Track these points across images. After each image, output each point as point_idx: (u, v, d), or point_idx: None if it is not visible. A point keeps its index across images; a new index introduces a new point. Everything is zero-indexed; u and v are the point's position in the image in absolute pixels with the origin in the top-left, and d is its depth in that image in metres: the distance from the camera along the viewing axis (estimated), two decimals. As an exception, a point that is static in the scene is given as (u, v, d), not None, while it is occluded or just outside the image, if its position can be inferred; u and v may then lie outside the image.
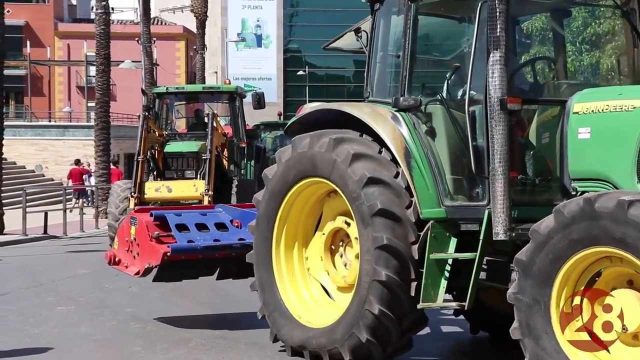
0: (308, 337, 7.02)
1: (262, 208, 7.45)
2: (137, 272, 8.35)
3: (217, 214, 8.80)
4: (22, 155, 42.02)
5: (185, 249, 8.17)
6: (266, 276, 7.43)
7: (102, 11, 29.91)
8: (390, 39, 7.41)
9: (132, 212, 8.71)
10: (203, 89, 20.76)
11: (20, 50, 59.27)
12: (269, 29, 79.82)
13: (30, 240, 20.54)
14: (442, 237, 6.46)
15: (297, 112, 7.67)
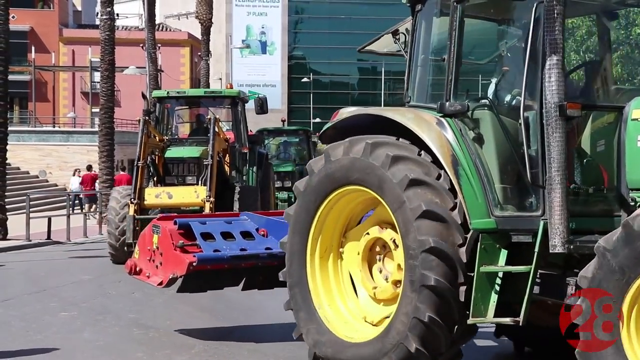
0: (350, 352, 6.66)
1: (294, 222, 7.10)
2: (160, 282, 8.08)
3: (243, 222, 8.52)
4: (26, 160, 42.09)
5: (212, 258, 7.90)
6: (300, 292, 7.06)
7: (107, 17, 29.95)
8: (432, 41, 7.16)
9: (155, 220, 8.37)
10: (205, 93, 20.23)
11: (25, 55, 59.39)
12: (274, 36, 79.98)
13: (34, 245, 20.54)
14: (492, 249, 6.13)
15: (332, 117, 7.25)
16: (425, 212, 6.08)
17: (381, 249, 6.80)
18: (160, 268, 8.08)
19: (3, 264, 16.43)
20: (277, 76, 78.79)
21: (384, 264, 6.76)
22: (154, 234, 8.19)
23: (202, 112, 19.05)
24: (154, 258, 8.19)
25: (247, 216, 8.65)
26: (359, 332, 6.76)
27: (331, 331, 6.81)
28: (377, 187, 6.41)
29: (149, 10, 39.36)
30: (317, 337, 6.89)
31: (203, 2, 43.50)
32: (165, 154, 16.58)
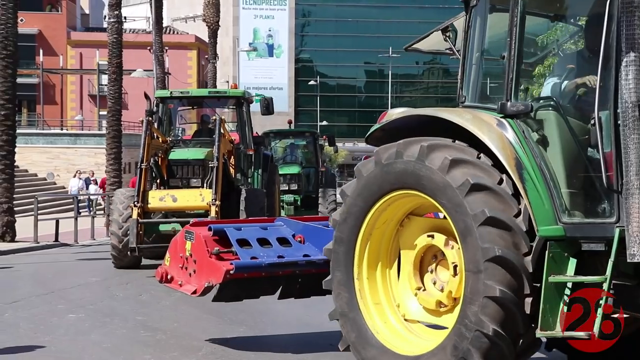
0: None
1: (340, 228, 6.69)
2: (194, 291, 7.69)
3: (279, 228, 8.13)
4: (34, 163, 42.22)
5: (249, 266, 7.54)
6: (347, 302, 6.67)
7: (115, 20, 30.05)
8: (487, 38, 6.82)
9: (188, 226, 7.99)
10: (209, 93, 19.48)
11: (33, 58, 59.55)
12: (281, 39, 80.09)
13: (42, 247, 20.60)
14: (560, 258, 5.72)
15: (380, 119, 6.91)
16: (489, 219, 5.70)
17: (434, 257, 6.45)
18: (193, 276, 7.73)
19: (11, 266, 16.49)
20: (284, 79, 78.91)
21: (437, 273, 6.41)
22: (187, 241, 7.85)
23: (206, 112, 18.64)
24: (186, 265, 7.83)
25: (282, 222, 8.34)
26: (413, 345, 6.42)
27: (382, 344, 6.46)
28: (434, 192, 6.04)
29: (156, 13, 39.43)
30: (366, 350, 6.54)
31: (210, 5, 43.60)
32: (170, 155, 16.09)
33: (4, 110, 21.94)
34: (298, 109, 78.64)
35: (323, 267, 7.15)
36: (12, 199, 22.17)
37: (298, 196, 26.01)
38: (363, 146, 79.19)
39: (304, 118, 72.87)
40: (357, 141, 79.64)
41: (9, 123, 22.02)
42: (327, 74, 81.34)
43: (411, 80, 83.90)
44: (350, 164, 79.73)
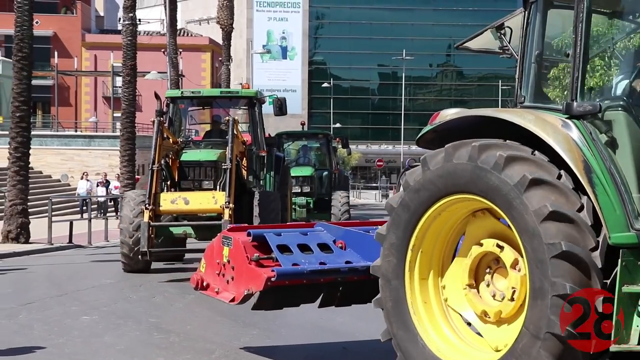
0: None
1: (388, 241, 6.37)
2: (233, 299, 7.36)
3: (319, 234, 7.80)
4: (49, 164, 42.38)
5: (291, 273, 7.19)
6: (400, 317, 6.32)
7: (129, 22, 30.14)
8: (548, 36, 6.52)
9: (225, 231, 7.68)
10: (221, 93, 18.85)
11: (48, 60, 59.85)
12: (294, 41, 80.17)
13: (56, 249, 20.67)
14: (634, 267, 5.37)
15: (432, 120, 6.56)
16: (552, 214, 5.35)
17: (489, 265, 6.09)
18: (231, 283, 7.39)
19: (25, 268, 16.55)
20: (298, 81, 78.96)
21: (493, 280, 6.05)
22: (224, 246, 7.52)
23: (218, 113, 18.10)
24: (224, 272, 7.48)
25: (322, 227, 8.00)
26: (466, 355, 6.12)
27: (434, 353, 6.15)
28: (489, 192, 5.70)
29: (171, 15, 39.52)
30: None
31: (224, 8, 43.69)
32: (182, 157, 15.75)
33: (19, 112, 22.05)
34: (311, 111, 78.66)
35: (365, 274, 6.93)
36: (26, 200, 22.25)
37: (310, 199, 25.75)
38: (376, 148, 79.20)
39: (318, 120, 72.90)
40: (371, 143, 79.64)
41: (24, 125, 22.12)
42: (340, 76, 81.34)
43: (425, 82, 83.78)
44: (363, 166, 79.76)
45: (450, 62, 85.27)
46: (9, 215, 21.64)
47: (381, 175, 74.18)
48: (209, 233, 14.93)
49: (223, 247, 7.52)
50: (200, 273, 7.80)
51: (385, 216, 6.72)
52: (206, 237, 15.06)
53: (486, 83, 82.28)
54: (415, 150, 79.60)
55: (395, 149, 77.00)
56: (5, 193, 22.67)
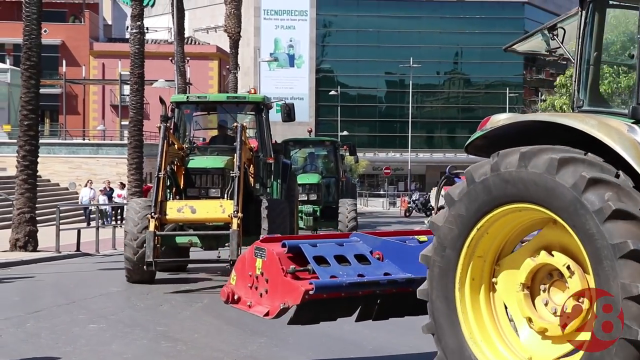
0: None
1: (436, 256, 6.05)
2: (267, 312, 7.04)
3: (355, 244, 7.47)
4: (56, 172, 42.46)
5: (330, 286, 6.87)
6: (450, 331, 6.03)
7: (137, 31, 30.22)
8: (607, 36, 6.27)
9: (258, 242, 7.30)
10: (227, 98, 18.27)
11: (56, 69, 60.06)
12: (302, 49, 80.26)
13: (63, 257, 20.68)
14: None
15: (481, 125, 6.25)
16: (616, 212, 5.04)
17: (545, 278, 5.76)
18: (265, 296, 7.05)
19: (33, 276, 16.56)
20: (305, 89, 79.02)
21: (549, 294, 5.72)
22: (257, 258, 7.18)
23: (224, 118, 17.63)
24: (256, 285, 7.15)
25: (358, 237, 7.68)
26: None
27: None
28: (543, 198, 5.38)
29: (178, 24, 39.62)
30: None
31: (232, 16, 43.76)
32: (188, 164, 15.34)
33: (27, 120, 22.10)
34: (319, 119, 78.70)
35: (404, 286, 6.82)
36: (34, 208, 22.28)
37: (317, 206, 25.45)
38: (383, 156, 79.18)
39: (325, 128, 72.91)
40: (378, 151, 79.61)
41: (32, 133, 22.17)
42: (347, 84, 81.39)
43: (432, 90, 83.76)
44: (370, 174, 79.73)
45: (458, 70, 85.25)
46: (17, 224, 21.67)
47: (389, 183, 74.06)
48: (215, 242, 14.99)
49: (256, 259, 7.19)
50: (231, 286, 7.45)
51: (392, 223, 6.64)
52: (212, 247, 15.11)
53: (493, 90, 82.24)
54: (422, 158, 79.63)
55: (402, 156, 76.95)
56: (13, 201, 22.72)
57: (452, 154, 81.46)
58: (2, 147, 40.61)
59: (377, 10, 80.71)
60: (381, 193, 71.27)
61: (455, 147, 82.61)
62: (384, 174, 67.99)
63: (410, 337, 8.93)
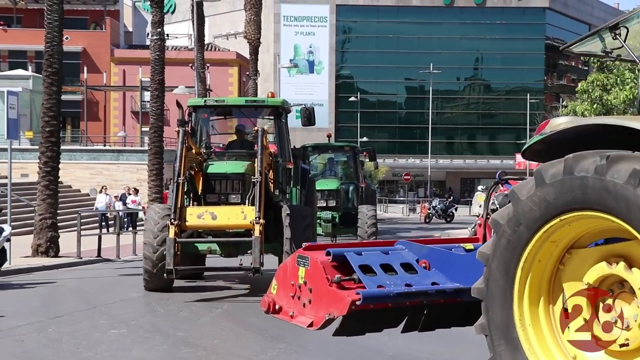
0: None
1: (495, 262, 5.70)
2: (311, 323, 6.77)
3: (400, 252, 7.18)
4: (78, 178, 42.71)
5: (377, 296, 6.56)
6: (508, 347, 5.68)
7: (157, 38, 30.40)
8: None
9: (300, 250, 7.07)
10: (246, 102, 17.72)
11: (77, 75, 60.46)
12: (321, 55, 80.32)
13: (84, 263, 20.80)
14: None
15: (539, 129, 5.95)
16: None
17: (615, 286, 5.41)
18: (308, 307, 6.78)
19: (54, 281, 16.67)
20: (325, 95, 79.05)
21: (615, 308, 5.35)
22: (300, 267, 6.93)
23: (242, 122, 17.18)
24: (299, 295, 6.88)
25: (403, 245, 7.37)
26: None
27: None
28: (620, 209, 5.02)
29: (198, 30, 39.81)
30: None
31: (252, 22, 43.91)
32: (208, 169, 14.99)
33: (49, 127, 22.26)
34: (338, 125, 78.69)
35: (452, 297, 6.61)
36: (56, 214, 22.43)
37: (336, 213, 25.01)
38: (403, 162, 79.05)
39: (345, 134, 72.87)
40: (398, 157, 79.48)
41: (54, 139, 22.32)
42: (367, 90, 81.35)
43: (452, 96, 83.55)
44: (390, 180, 79.61)
45: (478, 76, 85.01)
46: (38, 229, 21.83)
47: (408, 189, 73.91)
48: (234, 249, 14.76)
49: (298, 268, 6.90)
50: (272, 295, 7.14)
51: (412, 229, 6.52)
52: (231, 254, 14.87)
53: (514, 96, 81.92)
54: (442, 164, 79.45)
55: (422, 162, 76.79)
56: (35, 207, 22.88)
57: (472, 160, 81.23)
58: (24, 154, 40.89)
59: (397, 17, 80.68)
60: (401, 199, 71.09)
61: (475, 153, 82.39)
62: (403, 180, 67.87)
63: (430, 344, 8.90)
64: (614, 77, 32.86)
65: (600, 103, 33.92)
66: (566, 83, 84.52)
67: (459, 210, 55.19)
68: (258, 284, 14.55)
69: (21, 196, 28.76)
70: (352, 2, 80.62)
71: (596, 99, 34.03)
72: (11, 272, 17.62)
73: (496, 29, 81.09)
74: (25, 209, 29.51)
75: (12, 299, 13.89)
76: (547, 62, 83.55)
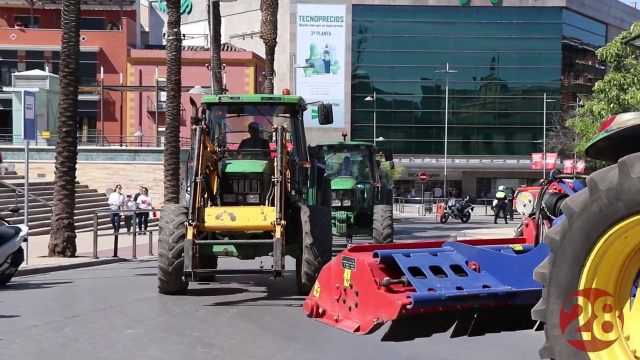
0: None
1: (560, 256, 5.34)
2: (358, 328, 6.49)
3: (449, 254, 6.92)
4: (94, 179, 42.90)
5: (429, 299, 6.29)
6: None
7: (174, 38, 30.45)
8: None
9: (345, 252, 6.74)
10: (262, 99, 16.83)
11: (94, 76, 60.73)
12: (337, 55, 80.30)
13: (101, 262, 20.88)
14: None
15: (604, 126, 5.72)
16: None
17: None
18: (355, 310, 6.50)
19: (71, 281, 16.73)
20: (341, 95, 79.02)
21: None
22: (345, 269, 6.66)
23: (256, 120, 16.71)
24: (344, 298, 6.60)
25: (452, 246, 7.12)
26: None
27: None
28: None
29: (215, 30, 39.89)
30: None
31: (268, 22, 43.95)
32: (226, 168, 14.50)
33: (66, 127, 22.35)
34: (354, 125, 78.67)
35: (503, 300, 6.39)
36: (72, 214, 22.52)
37: (351, 213, 24.57)
38: (419, 162, 78.90)
39: (361, 134, 72.82)
40: (414, 157, 79.36)
41: (70, 139, 22.41)
42: (383, 89, 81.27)
43: (468, 96, 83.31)
44: (406, 179, 79.50)
45: (494, 75, 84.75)
46: (55, 229, 21.92)
47: (424, 189, 73.77)
48: (252, 251, 14.23)
49: (344, 270, 6.64)
50: (315, 298, 6.87)
51: (428, 229, 6.40)
52: (249, 256, 14.38)
53: (530, 96, 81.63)
54: (458, 163, 79.25)
55: (438, 162, 76.64)
56: (52, 207, 22.98)
57: (488, 159, 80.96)
58: (41, 154, 41.11)
59: (413, 16, 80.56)
60: (417, 199, 70.93)
61: (491, 153, 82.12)
62: (420, 180, 67.74)
63: (447, 344, 8.85)
64: (630, 76, 32.65)
65: (617, 102, 33.72)
66: (583, 82, 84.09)
67: (475, 210, 55.05)
68: (273, 285, 14.55)
69: (38, 196, 28.91)
70: (368, 2, 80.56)
71: (613, 99, 33.85)
72: (28, 272, 17.71)
73: (512, 29, 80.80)
74: (42, 209, 29.67)
75: (29, 299, 13.94)
76: (563, 61, 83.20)
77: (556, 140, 63.60)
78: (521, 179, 76.91)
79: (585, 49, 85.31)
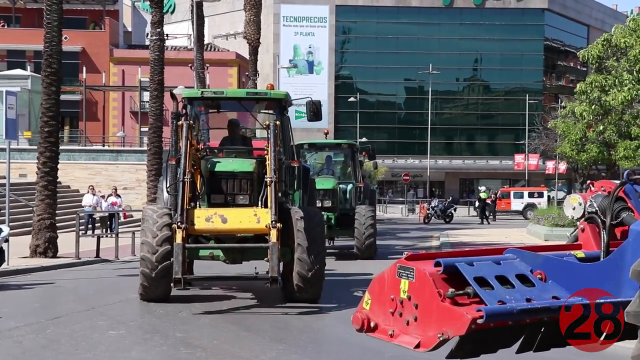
0: None
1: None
2: (418, 344, 5.87)
3: (513, 262, 6.34)
4: (76, 179, 42.68)
5: (500, 313, 5.72)
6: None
7: (157, 38, 30.37)
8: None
9: (402, 260, 6.07)
10: (247, 94, 15.64)
11: (76, 75, 60.44)
12: (321, 56, 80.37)
13: (83, 263, 20.76)
14: None
15: None
16: None
17: None
18: (414, 325, 5.91)
19: (53, 282, 16.63)
20: (324, 95, 79.03)
21: None
22: (402, 279, 6.04)
23: (238, 116, 15.87)
24: (401, 311, 5.97)
25: (514, 253, 6.49)
26: None
27: None
28: None
29: (198, 30, 39.79)
30: None
31: (251, 23, 43.89)
32: (215, 167, 13.61)
33: (48, 127, 22.23)
34: (338, 125, 78.75)
35: (574, 312, 5.81)
36: (54, 215, 22.40)
37: (332, 214, 23.54)
38: (403, 162, 79.06)
39: (344, 134, 72.83)
40: (397, 158, 79.50)
41: (53, 139, 22.29)
42: (366, 90, 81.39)
43: (451, 97, 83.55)
44: (389, 180, 79.62)
45: (477, 76, 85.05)
46: (37, 230, 21.80)
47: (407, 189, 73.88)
48: (239, 255, 13.51)
49: (400, 280, 6.03)
50: (365, 311, 6.19)
51: (411, 230, 6.33)
52: (237, 261, 13.73)
53: (513, 97, 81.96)
54: (441, 164, 79.43)
55: (421, 163, 76.80)
56: (34, 207, 22.85)
57: (471, 160, 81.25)
58: (23, 154, 40.87)
59: (397, 17, 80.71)
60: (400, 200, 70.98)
61: (474, 154, 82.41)
62: (403, 181, 67.86)
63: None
64: (612, 78, 32.86)
65: (599, 104, 33.94)
66: (565, 84, 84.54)
67: (457, 210, 55.21)
68: (257, 289, 14.48)
69: (19, 196, 28.75)
70: (351, 3, 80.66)
71: (594, 100, 34.07)
72: (9, 273, 17.60)
73: (495, 30, 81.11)
74: (24, 209, 29.49)
75: (11, 300, 13.86)
76: (545, 63, 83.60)
77: (538, 141, 63.92)
78: (504, 180, 77.32)
79: (567, 50, 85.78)
